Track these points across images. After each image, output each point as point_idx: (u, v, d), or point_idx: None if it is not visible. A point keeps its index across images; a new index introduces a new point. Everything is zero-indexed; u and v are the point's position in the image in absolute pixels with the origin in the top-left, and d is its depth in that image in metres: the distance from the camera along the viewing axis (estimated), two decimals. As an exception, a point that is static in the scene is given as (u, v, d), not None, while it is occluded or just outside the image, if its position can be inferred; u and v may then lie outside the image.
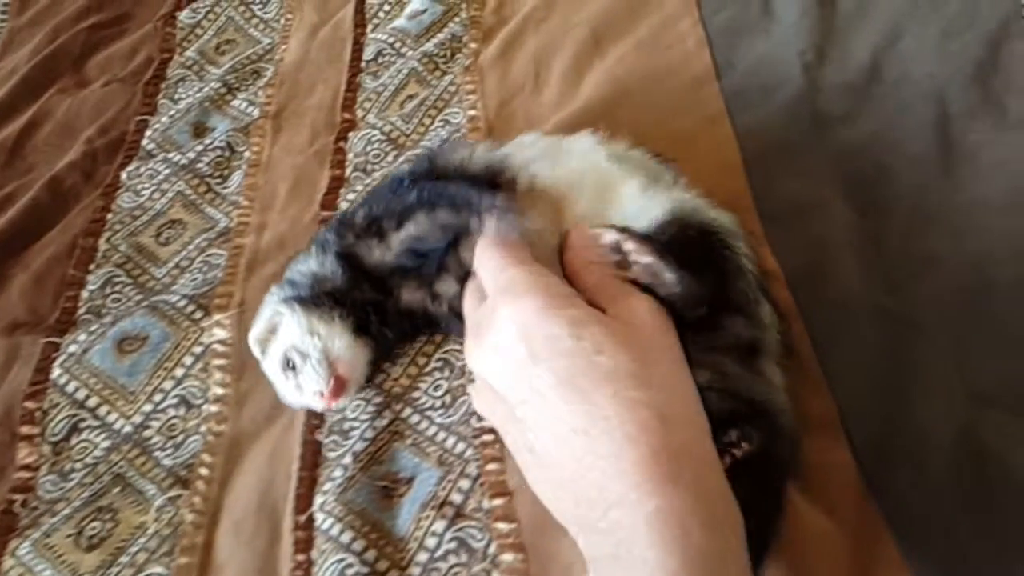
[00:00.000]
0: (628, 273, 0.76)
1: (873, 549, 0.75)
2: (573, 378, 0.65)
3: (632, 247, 0.76)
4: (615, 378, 0.64)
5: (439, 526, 0.83)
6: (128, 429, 0.96)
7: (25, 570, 0.87)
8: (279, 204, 1.16)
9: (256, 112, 1.28)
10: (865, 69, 1.09)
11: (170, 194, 1.18)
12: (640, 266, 0.76)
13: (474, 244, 0.81)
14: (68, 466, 0.94)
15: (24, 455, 0.95)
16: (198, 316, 1.04)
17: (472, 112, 1.19)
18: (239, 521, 0.87)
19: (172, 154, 1.23)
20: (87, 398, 0.99)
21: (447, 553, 0.81)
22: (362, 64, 1.32)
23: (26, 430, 0.97)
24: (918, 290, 0.89)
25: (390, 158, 1.16)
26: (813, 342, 0.87)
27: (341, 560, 0.81)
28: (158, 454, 0.94)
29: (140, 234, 1.14)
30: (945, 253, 0.91)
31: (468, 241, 0.83)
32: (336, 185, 1.15)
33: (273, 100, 1.29)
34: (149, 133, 1.27)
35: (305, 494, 0.87)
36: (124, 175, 1.21)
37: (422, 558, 0.81)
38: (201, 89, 1.32)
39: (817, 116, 1.07)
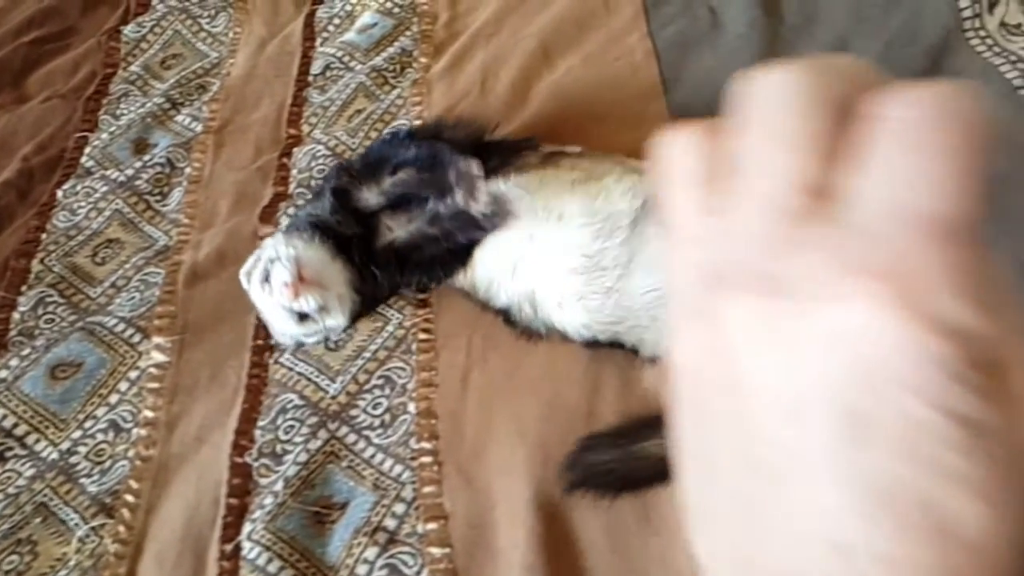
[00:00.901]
0: None
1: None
2: (906, 498, 0.30)
3: None
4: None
5: (371, 553, 0.80)
6: (54, 456, 0.93)
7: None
8: (219, 221, 1.13)
9: (199, 127, 1.25)
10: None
11: (107, 213, 1.15)
12: None
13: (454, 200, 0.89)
14: (-11, 497, 0.91)
15: (-55, 487, 0.92)
16: (136, 340, 1.01)
17: (418, 122, 1.17)
18: (162, 551, 0.84)
19: (111, 171, 1.20)
20: (15, 426, 0.96)
21: (378, 581, 0.79)
22: (309, 78, 1.29)
23: (-52, 460, 0.94)
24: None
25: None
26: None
27: (267, 590, 0.78)
28: (84, 481, 0.91)
29: (75, 254, 1.11)
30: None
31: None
32: (278, 200, 1.12)
33: (217, 115, 1.26)
34: (88, 150, 1.24)
35: (233, 522, 0.84)
36: (60, 193, 1.18)
37: (352, 586, 0.79)
38: (144, 104, 1.29)
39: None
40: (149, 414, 0.94)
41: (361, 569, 0.79)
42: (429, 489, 0.84)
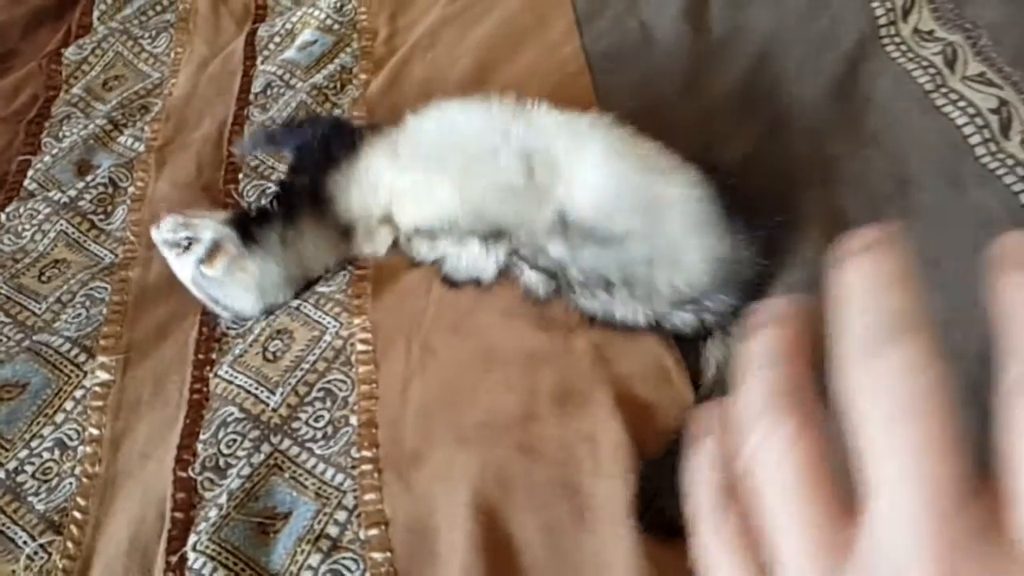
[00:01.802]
0: None
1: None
2: None
3: None
4: None
5: (315, 560, 0.83)
6: (1, 476, 0.94)
7: None
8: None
9: (141, 147, 1.26)
10: (737, 91, 1.13)
11: (52, 234, 1.16)
12: None
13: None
14: (-65, 520, 0.92)
15: None
16: (81, 359, 1.02)
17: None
18: (110, 564, 0.86)
19: (53, 193, 1.21)
20: (-39, 447, 0.96)
21: (321, 586, 0.81)
22: (251, 97, 1.31)
23: None
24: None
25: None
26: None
27: (213, 599, 0.80)
28: (32, 499, 0.92)
29: (22, 276, 1.13)
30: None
31: None
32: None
33: (159, 135, 1.28)
34: (31, 173, 1.25)
35: (179, 535, 0.86)
36: (3, 216, 1.19)
37: (296, 593, 0.81)
38: (87, 126, 1.30)
39: (692, 138, 1.09)
40: (94, 432, 0.96)
41: (305, 575, 0.82)
42: (370, 496, 0.86)
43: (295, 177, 1.10)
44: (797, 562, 0.28)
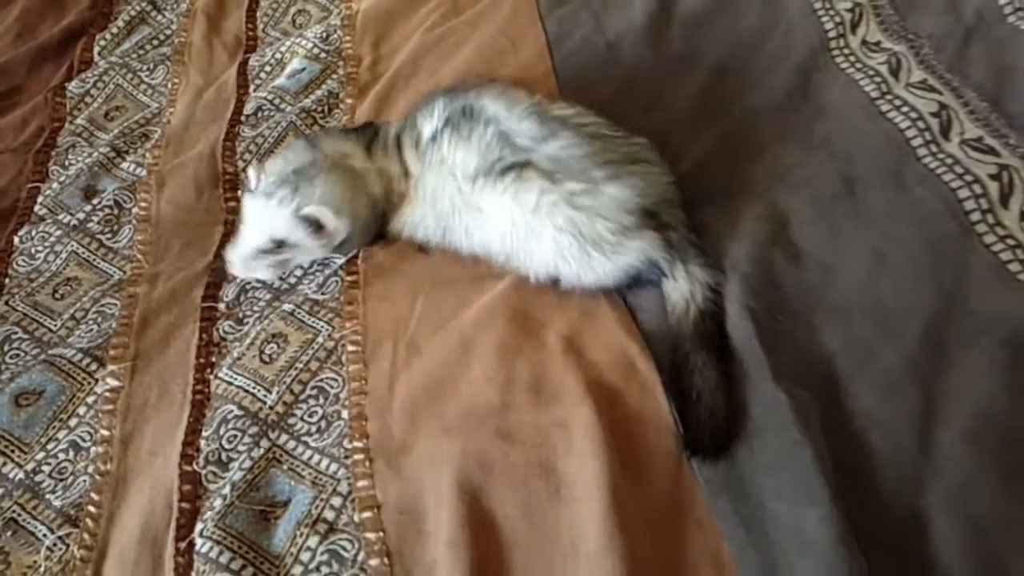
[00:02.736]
0: None
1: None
2: None
3: None
4: None
5: (313, 541, 0.90)
6: (20, 476, 1.01)
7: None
8: (171, 257, 1.22)
9: (143, 172, 1.34)
10: (695, 105, 1.21)
11: (64, 255, 1.24)
12: None
13: None
14: (-40, 519, 0.99)
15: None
16: (93, 368, 1.10)
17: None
18: (124, 552, 0.93)
19: (63, 216, 1.29)
20: (-19, 452, 1.04)
21: (320, 564, 0.88)
22: (242, 118, 1.40)
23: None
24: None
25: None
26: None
27: (219, 579, 0.87)
28: (49, 496, 0.99)
29: (37, 294, 1.20)
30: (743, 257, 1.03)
31: None
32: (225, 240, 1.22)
33: (160, 160, 1.36)
34: (41, 199, 1.33)
35: (186, 523, 0.93)
36: (17, 239, 1.27)
37: (297, 571, 0.88)
38: (91, 154, 1.38)
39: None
40: (105, 433, 1.03)
41: (305, 556, 0.89)
42: (363, 483, 0.93)
43: None
44: None
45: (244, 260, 1.12)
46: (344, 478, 0.94)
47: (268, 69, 1.48)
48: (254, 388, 1.03)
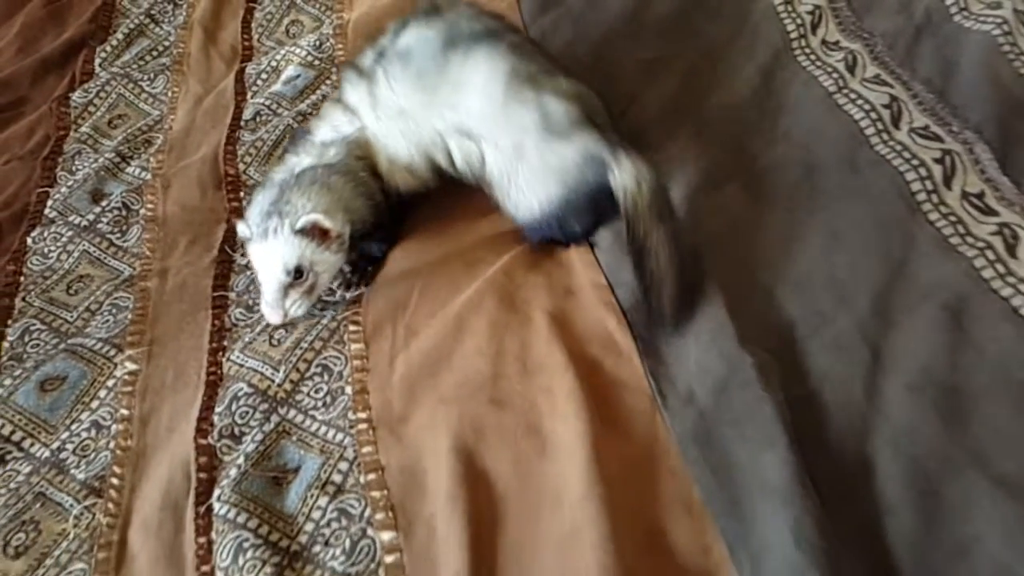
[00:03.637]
0: None
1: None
2: None
3: None
4: None
5: (323, 501, 0.98)
6: (47, 454, 1.09)
7: (-49, 583, 0.99)
8: (178, 254, 1.31)
9: (148, 176, 1.43)
10: (669, 105, 1.31)
11: (76, 254, 1.32)
12: None
13: None
14: (-7, 494, 1.06)
15: (-50, 487, 1.07)
16: (112, 354, 1.19)
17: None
18: (147, 518, 1.01)
19: (73, 218, 1.37)
20: (12, 433, 1.12)
21: (330, 521, 0.97)
22: (241, 123, 1.48)
23: (-46, 465, 1.09)
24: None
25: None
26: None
27: (238, 536, 0.95)
28: (74, 471, 1.07)
29: (52, 290, 1.29)
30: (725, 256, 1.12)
31: None
32: (231, 236, 1.31)
33: (164, 164, 1.44)
34: (50, 203, 1.41)
35: (204, 491, 1.01)
36: (30, 240, 1.35)
37: (309, 528, 0.96)
38: (97, 160, 1.47)
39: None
40: (125, 412, 1.11)
41: (316, 514, 0.97)
42: (367, 449, 1.02)
43: None
44: None
45: (275, 305, 1.11)
46: (350, 445, 1.03)
47: (264, 76, 1.57)
48: (263, 368, 1.11)
